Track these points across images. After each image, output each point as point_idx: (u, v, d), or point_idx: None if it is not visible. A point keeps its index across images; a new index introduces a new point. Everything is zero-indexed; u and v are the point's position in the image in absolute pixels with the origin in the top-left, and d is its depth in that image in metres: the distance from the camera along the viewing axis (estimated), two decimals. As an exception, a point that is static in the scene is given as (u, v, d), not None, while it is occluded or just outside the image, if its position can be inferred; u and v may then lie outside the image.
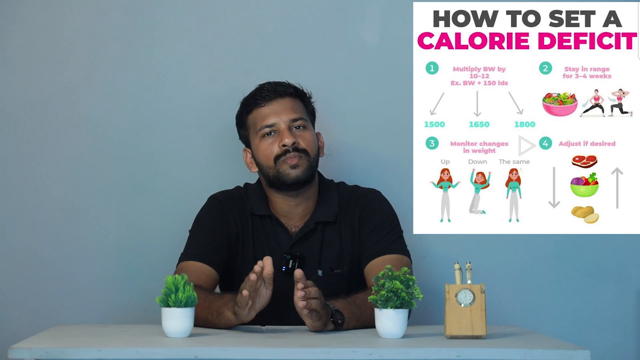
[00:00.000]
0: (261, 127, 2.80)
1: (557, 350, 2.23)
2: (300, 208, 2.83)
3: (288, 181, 2.77)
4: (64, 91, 3.21)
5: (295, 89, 2.85)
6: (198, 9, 3.23)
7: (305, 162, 2.78)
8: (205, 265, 2.74)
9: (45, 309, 3.19)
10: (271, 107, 2.81)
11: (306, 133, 2.81)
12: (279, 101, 2.81)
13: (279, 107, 2.81)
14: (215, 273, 2.75)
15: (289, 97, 2.83)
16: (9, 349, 2.19)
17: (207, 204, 2.88)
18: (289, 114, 2.80)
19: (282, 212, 2.84)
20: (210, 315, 2.56)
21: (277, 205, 2.84)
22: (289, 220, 2.84)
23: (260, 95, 2.82)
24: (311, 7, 3.25)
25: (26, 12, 3.20)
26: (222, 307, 2.54)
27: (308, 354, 2.23)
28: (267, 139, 2.80)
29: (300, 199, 2.82)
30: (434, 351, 2.24)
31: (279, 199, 2.83)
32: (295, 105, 2.82)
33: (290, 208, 2.83)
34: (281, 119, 2.79)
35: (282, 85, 2.84)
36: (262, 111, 2.81)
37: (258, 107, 2.81)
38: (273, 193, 2.83)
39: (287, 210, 2.83)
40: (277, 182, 2.79)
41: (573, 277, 3.25)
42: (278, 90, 2.82)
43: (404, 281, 2.37)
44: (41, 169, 3.21)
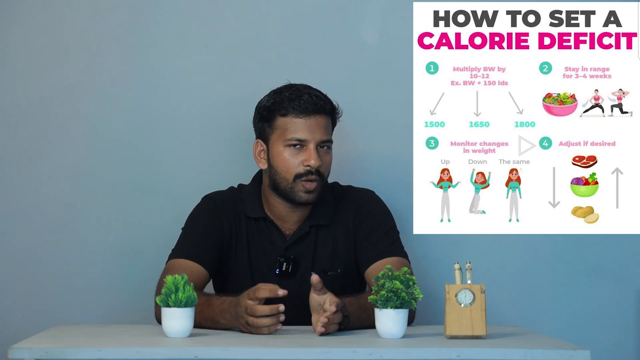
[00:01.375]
0: (291, 138, 2.74)
1: (557, 350, 2.23)
2: (296, 213, 2.83)
3: (298, 201, 2.76)
4: (63, 91, 3.21)
5: (332, 106, 2.80)
6: (198, 9, 3.23)
7: (320, 186, 2.76)
8: (195, 263, 2.73)
9: (45, 309, 3.19)
10: (308, 122, 2.74)
11: (328, 156, 2.78)
12: (316, 118, 2.75)
13: (315, 124, 2.75)
14: (205, 272, 2.74)
15: (325, 115, 2.77)
16: (9, 349, 2.19)
17: (202, 202, 2.87)
18: (322, 135, 2.75)
19: (279, 215, 2.83)
20: (204, 320, 2.56)
21: (274, 207, 2.83)
22: (284, 223, 2.83)
23: (300, 105, 2.74)
24: (311, 7, 3.25)
25: (26, 12, 3.20)
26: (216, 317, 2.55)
27: (308, 354, 2.23)
28: (291, 150, 2.75)
29: (301, 207, 2.82)
30: (434, 351, 2.24)
31: (277, 203, 2.82)
32: (327, 125, 2.78)
33: (288, 212, 2.82)
34: (314, 138, 2.74)
35: (322, 100, 2.77)
36: (297, 122, 2.75)
37: (295, 116, 2.75)
38: (273, 196, 2.82)
39: (284, 214, 2.83)
40: (285, 195, 2.77)
41: (573, 277, 3.25)
42: (318, 106, 2.75)
43: (404, 281, 2.37)
44: (41, 169, 3.20)
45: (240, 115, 3.14)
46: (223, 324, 2.54)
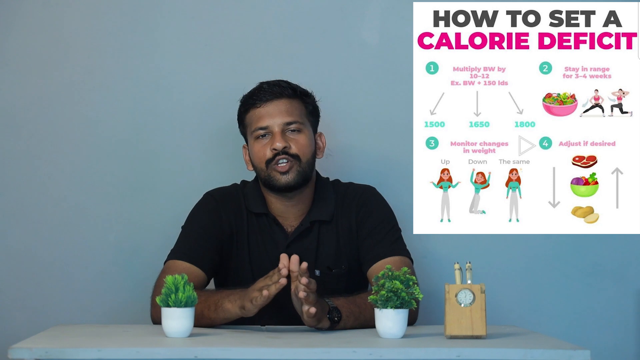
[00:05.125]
0: (255, 129, 2.78)
1: (557, 350, 2.23)
2: (296, 208, 2.83)
3: (278, 186, 2.77)
4: (63, 91, 3.21)
5: (294, 89, 2.82)
6: (198, 9, 3.23)
7: (296, 167, 2.76)
8: (193, 266, 2.73)
9: (45, 309, 3.19)
10: (266, 108, 2.78)
11: (300, 137, 2.79)
12: (275, 103, 2.79)
13: (275, 109, 2.78)
14: (202, 274, 2.74)
15: (286, 99, 2.80)
16: (9, 349, 2.19)
17: (202, 200, 2.87)
18: (284, 117, 2.78)
19: (278, 212, 2.84)
20: (207, 308, 2.56)
21: (273, 204, 2.84)
22: (285, 219, 2.84)
23: (257, 96, 2.80)
24: (311, 7, 3.25)
25: (26, 12, 3.20)
26: (221, 300, 2.55)
27: (308, 354, 2.23)
28: (260, 141, 2.78)
29: (296, 199, 2.82)
30: (434, 351, 2.24)
31: (274, 199, 2.83)
32: (291, 108, 2.80)
33: (286, 208, 2.83)
34: (275, 122, 2.77)
35: (279, 85, 2.81)
36: (257, 112, 2.79)
37: (254, 107, 2.80)
38: (268, 193, 2.83)
39: (283, 210, 2.83)
40: (269, 185, 2.79)
41: (573, 277, 3.25)
42: (275, 92, 2.79)
43: (404, 281, 2.37)
44: (41, 169, 3.21)
45: (240, 115, 3.14)
46: (227, 308, 2.53)
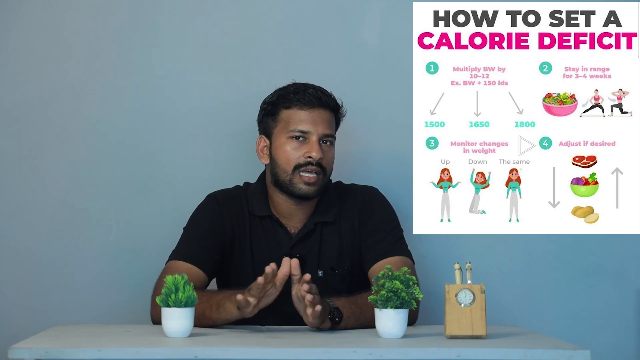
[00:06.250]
0: (294, 130, 2.76)
1: (557, 350, 2.23)
2: (301, 210, 2.83)
3: (298, 193, 2.77)
4: (64, 91, 3.21)
5: (336, 104, 2.83)
6: (198, 9, 3.23)
7: (320, 180, 2.77)
8: (194, 267, 2.73)
9: (45, 309, 3.19)
10: (312, 114, 2.77)
11: (331, 151, 2.80)
12: (319, 111, 2.78)
13: (319, 117, 2.78)
14: (204, 275, 2.74)
15: (329, 110, 2.80)
16: (9, 349, 2.19)
17: (205, 202, 2.87)
18: (325, 128, 2.78)
19: (283, 213, 2.83)
20: (208, 308, 2.56)
21: (278, 205, 2.83)
22: (289, 221, 2.84)
23: (304, 98, 2.78)
24: (311, 7, 3.25)
25: (26, 12, 3.20)
26: (223, 300, 2.55)
27: (308, 354, 2.23)
28: (294, 143, 2.77)
29: (304, 203, 2.82)
30: (434, 351, 2.24)
31: (281, 199, 2.82)
32: (331, 120, 2.80)
33: (292, 210, 2.83)
34: (316, 130, 2.76)
35: (327, 95, 2.80)
36: (301, 114, 2.77)
37: (299, 108, 2.78)
38: (276, 192, 2.82)
39: (289, 211, 2.83)
40: (285, 188, 2.78)
41: (573, 277, 3.25)
42: (322, 100, 2.78)
43: (404, 281, 2.37)
44: (41, 169, 3.20)
45: (240, 115, 3.15)
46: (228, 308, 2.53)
